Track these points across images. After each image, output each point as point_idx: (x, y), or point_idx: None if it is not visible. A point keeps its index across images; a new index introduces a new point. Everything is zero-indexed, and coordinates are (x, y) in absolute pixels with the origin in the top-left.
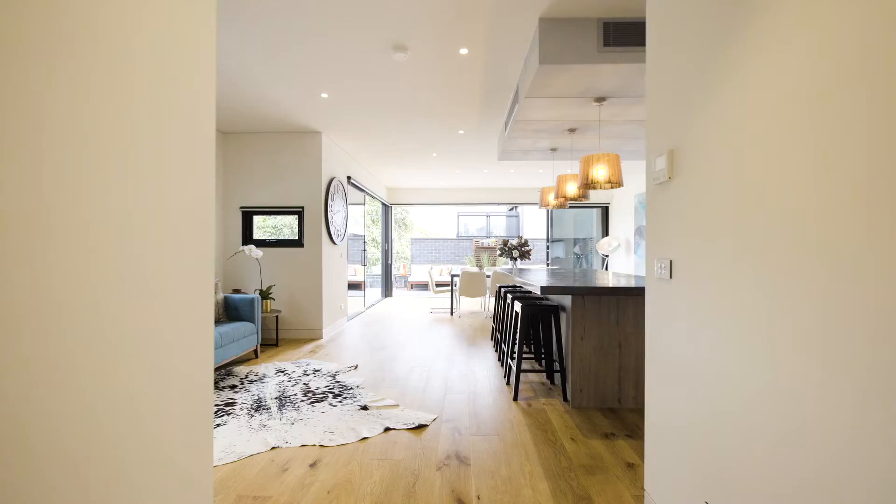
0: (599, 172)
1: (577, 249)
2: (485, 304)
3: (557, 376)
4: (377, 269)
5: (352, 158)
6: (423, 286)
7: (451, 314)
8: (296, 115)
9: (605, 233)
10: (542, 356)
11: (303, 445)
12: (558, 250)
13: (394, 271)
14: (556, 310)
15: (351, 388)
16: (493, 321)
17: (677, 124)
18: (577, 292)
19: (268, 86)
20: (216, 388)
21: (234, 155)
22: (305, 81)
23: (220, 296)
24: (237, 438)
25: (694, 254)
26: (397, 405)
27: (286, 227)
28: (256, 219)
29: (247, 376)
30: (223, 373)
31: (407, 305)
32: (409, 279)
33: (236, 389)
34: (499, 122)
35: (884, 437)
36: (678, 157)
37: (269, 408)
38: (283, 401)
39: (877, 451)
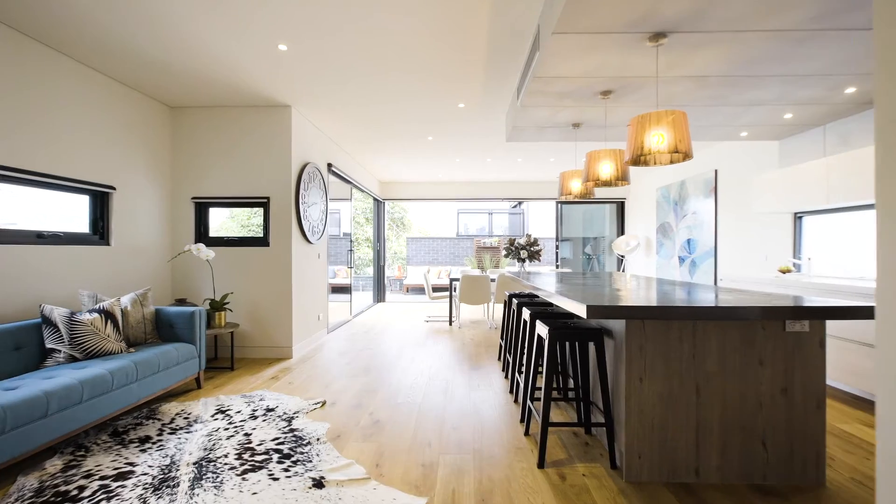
0: (657, 140)
1: (588, 249)
2: (488, 312)
3: (595, 421)
4: (371, 271)
5: (335, 145)
6: (420, 289)
7: (450, 324)
8: (255, 81)
9: (621, 231)
10: (568, 388)
11: None
12: (565, 250)
13: (388, 273)
14: (599, 335)
15: (308, 443)
16: (501, 337)
17: None
18: (654, 315)
19: (209, 33)
20: (121, 442)
21: (186, 134)
22: (253, 24)
23: (150, 309)
24: None
25: None
26: (368, 478)
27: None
28: (214, 212)
29: (173, 420)
30: (143, 414)
31: (400, 312)
32: (405, 282)
33: (147, 446)
34: (509, 89)
35: None
36: None
37: (179, 483)
38: (203, 469)
39: None
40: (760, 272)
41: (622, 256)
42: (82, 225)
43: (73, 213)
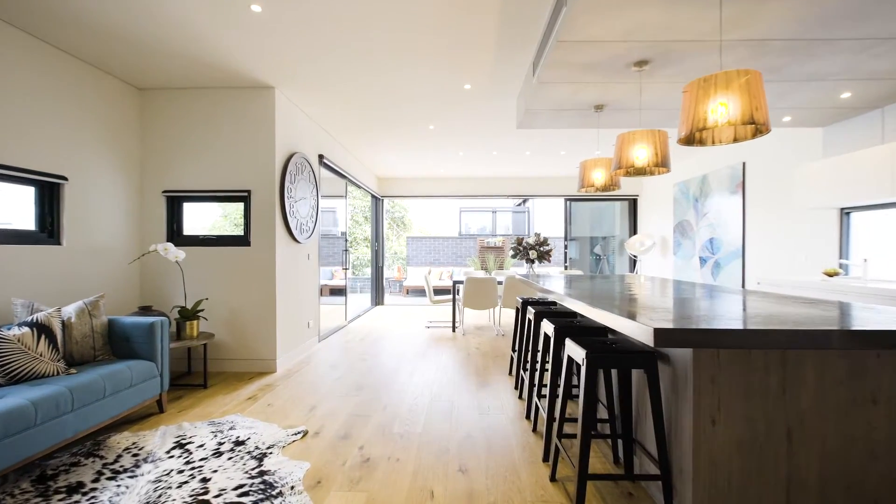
0: (721, 110)
1: (597, 249)
2: (494, 317)
3: (641, 465)
4: (369, 272)
5: (328, 135)
6: (421, 291)
7: (453, 330)
8: (231, 54)
9: (633, 230)
10: (598, 418)
11: None
12: (572, 250)
13: (387, 274)
14: (652, 361)
15: (279, 493)
16: (512, 349)
17: None
18: (763, 342)
19: None
20: (44, 492)
21: (156, 120)
22: None
23: (101, 320)
24: None
25: None
26: None
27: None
28: (201, 209)
29: (118, 459)
30: (84, 450)
31: (400, 317)
32: (405, 283)
33: (75, 498)
34: (522, 65)
35: None
36: None
37: None
38: None
39: None
40: (801, 275)
41: (635, 257)
42: (26, 221)
43: (13, 206)
